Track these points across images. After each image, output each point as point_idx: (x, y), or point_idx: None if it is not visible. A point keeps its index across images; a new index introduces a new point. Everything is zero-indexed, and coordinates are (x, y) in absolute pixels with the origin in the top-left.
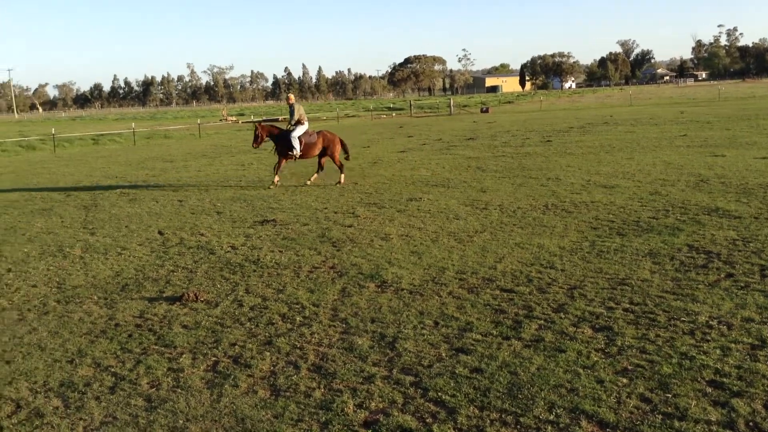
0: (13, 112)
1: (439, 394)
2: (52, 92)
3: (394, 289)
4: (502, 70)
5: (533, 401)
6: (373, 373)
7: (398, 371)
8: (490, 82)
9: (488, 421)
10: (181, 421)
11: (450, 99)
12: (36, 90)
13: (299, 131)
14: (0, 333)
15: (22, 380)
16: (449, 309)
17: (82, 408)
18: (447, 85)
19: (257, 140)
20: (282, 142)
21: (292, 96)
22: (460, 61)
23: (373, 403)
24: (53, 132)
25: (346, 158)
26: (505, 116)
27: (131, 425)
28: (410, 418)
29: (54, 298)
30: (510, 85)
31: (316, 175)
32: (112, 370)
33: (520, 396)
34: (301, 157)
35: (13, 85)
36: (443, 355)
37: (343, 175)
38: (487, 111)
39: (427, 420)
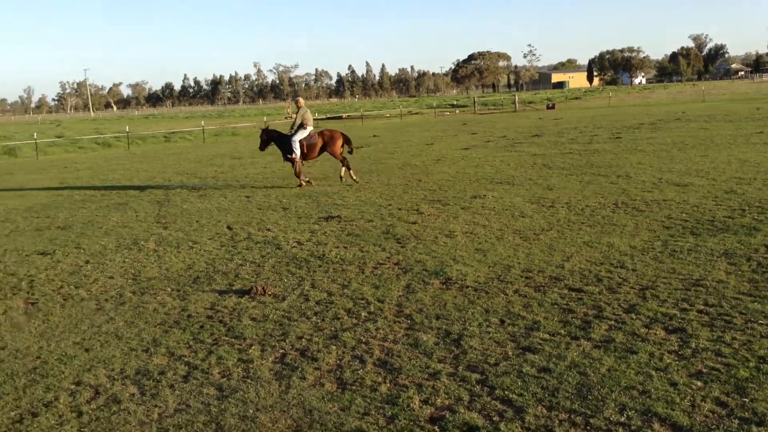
0: (89, 110)
1: (506, 392)
2: (125, 91)
3: (459, 287)
4: (568, 65)
5: (603, 403)
6: (438, 369)
7: (464, 368)
8: (556, 78)
9: (557, 421)
10: (251, 411)
11: (515, 95)
12: (110, 89)
13: (300, 135)
14: (79, 322)
15: (101, 367)
16: (515, 307)
17: (157, 395)
18: (512, 82)
19: (262, 144)
20: (284, 146)
21: (301, 100)
22: (525, 56)
23: (439, 400)
24: (127, 130)
25: (350, 152)
26: (572, 113)
27: (203, 413)
28: (476, 415)
29: (130, 289)
30: (577, 80)
31: (344, 169)
32: (185, 359)
33: (590, 397)
34: (304, 158)
35: (89, 85)
36: (510, 353)
37: (343, 168)
38: (553, 107)
39: (494, 418)
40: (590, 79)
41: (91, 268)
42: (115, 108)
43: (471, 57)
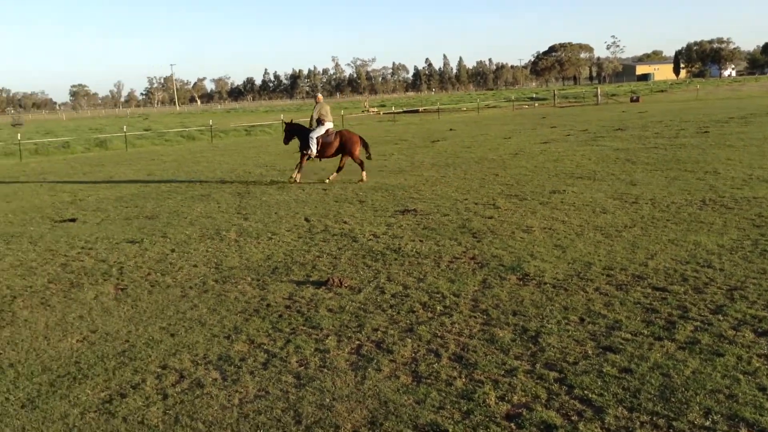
0: (175, 104)
1: (586, 392)
2: (209, 86)
3: (537, 283)
4: (654, 57)
5: (687, 406)
6: (515, 366)
7: (541, 366)
8: (640, 70)
9: (638, 423)
10: (327, 400)
11: (597, 88)
12: (195, 84)
13: (318, 132)
14: (165, 308)
15: (185, 352)
16: (596, 305)
17: (238, 381)
18: (594, 74)
19: (286, 138)
20: (302, 140)
21: (320, 96)
22: (608, 48)
23: (516, 397)
24: (210, 123)
25: (368, 157)
26: (657, 106)
27: (282, 400)
28: (554, 414)
29: (212, 278)
30: (662, 73)
31: (335, 174)
32: (265, 347)
33: (673, 399)
34: (318, 156)
35: (175, 80)
36: (589, 352)
37: (364, 173)
38: (637, 100)
39: (573, 417)
40: (677, 71)
41: (177, 257)
42: (199, 102)
43: (552, 49)
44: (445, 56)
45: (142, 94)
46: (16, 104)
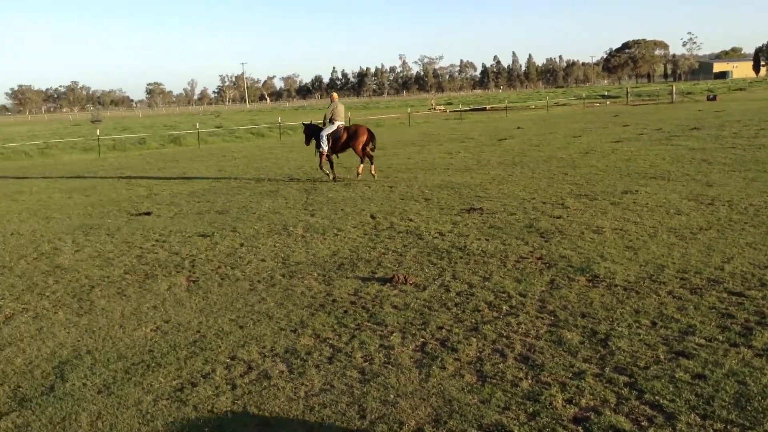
0: (245, 102)
1: (657, 397)
2: (278, 84)
3: (607, 285)
4: (732, 54)
5: (764, 415)
6: (583, 369)
7: (611, 370)
8: (718, 67)
9: (711, 430)
10: (391, 396)
11: (672, 86)
12: (265, 82)
13: (328, 130)
14: (234, 300)
15: (253, 344)
16: (668, 309)
17: (304, 374)
18: (668, 72)
19: (307, 139)
20: (316, 139)
21: (335, 95)
22: (684, 45)
23: (584, 400)
24: (279, 120)
25: (372, 149)
26: (735, 104)
27: (346, 394)
28: (624, 419)
29: (280, 272)
30: (741, 70)
31: (362, 166)
32: (330, 342)
33: (749, 408)
34: (333, 151)
35: (246, 78)
36: (661, 357)
37: (362, 166)
38: (714, 99)
39: (643, 423)
40: (756, 68)
41: (246, 251)
42: (268, 100)
43: (625, 45)
44: (514, 53)
45: (214, 92)
46: (95, 101)
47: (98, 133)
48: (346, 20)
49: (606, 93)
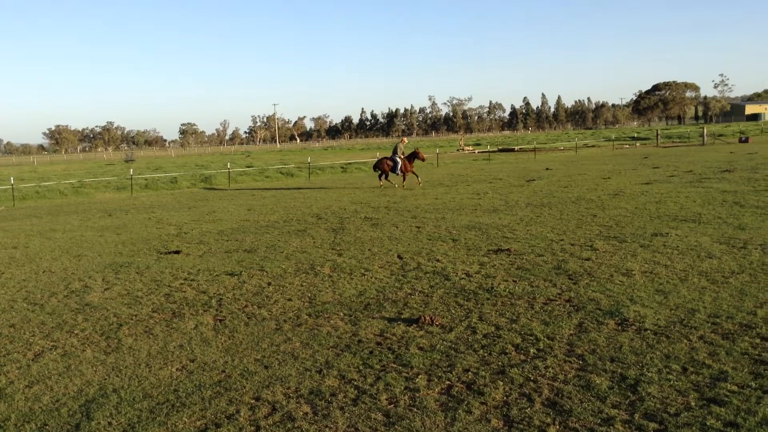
0: (275, 142)
1: None
2: (309, 124)
3: (636, 329)
4: (765, 96)
5: None
6: (612, 415)
7: (640, 416)
8: (750, 109)
9: None
10: None
11: (703, 128)
12: (296, 122)
13: (399, 161)
14: (260, 340)
15: (278, 385)
16: (700, 355)
17: (328, 416)
18: (699, 114)
19: (386, 174)
20: (393, 166)
21: (405, 139)
22: (716, 87)
23: None
24: (308, 161)
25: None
26: None
27: None
28: None
29: (306, 312)
30: None
31: (404, 182)
32: (355, 383)
33: None
34: (399, 173)
35: (277, 118)
36: (692, 404)
37: (419, 179)
38: (746, 141)
39: None
40: None
41: (273, 290)
42: (298, 140)
43: (655, 87)
44: (543, 95)
45: (245, 132)
46: (130, 141)
47: (131, 173)
48: (376, 62)
49: (636, 135)
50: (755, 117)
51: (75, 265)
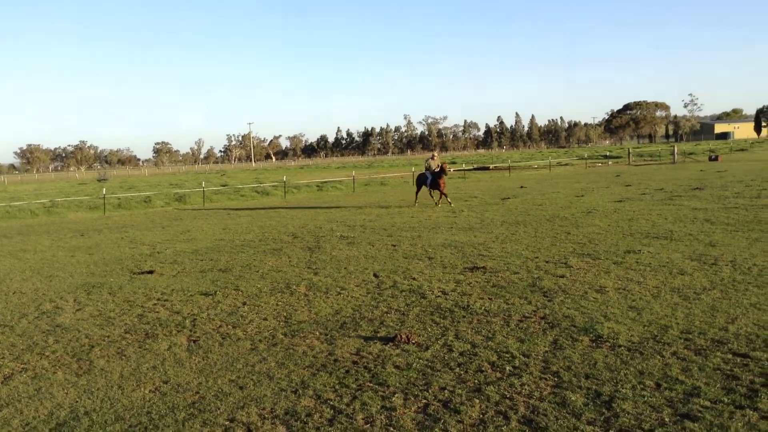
0: (251, 160)
1: None
2: (284, 143)
3: (611, 345)
4: (734, 115)
5: None
6: (587, 431)
7: None
8: (719, 128)
9: None
10: None
11: (674, 146)
12: (271, 141)
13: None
14: (235, 360)
15: (253, 405)
16: (673, 371)
17: None
18: (670, 132)
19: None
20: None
21: (436, 154)
22: (686, 106)
23: None
24: (284, 179)
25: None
26: (737, 165)
27: None
28: None
29: (281, 331)
30: (743, 131)
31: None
32: (331, 403)
33: None
34: (432, 188)
35: (252, 137)
36: (666, 419)
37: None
38: (716, 159)
39: None
40: (758, 129)
41: (248, 310)
42: (273, 159)
43: (626, 107)
44: (517, 114)
45: (220, 151)
46: (103, 160)
47: (104, 192)
48: (352, 81)
49: (608, 153)
50: (724, 135)
51: (46, 285)
